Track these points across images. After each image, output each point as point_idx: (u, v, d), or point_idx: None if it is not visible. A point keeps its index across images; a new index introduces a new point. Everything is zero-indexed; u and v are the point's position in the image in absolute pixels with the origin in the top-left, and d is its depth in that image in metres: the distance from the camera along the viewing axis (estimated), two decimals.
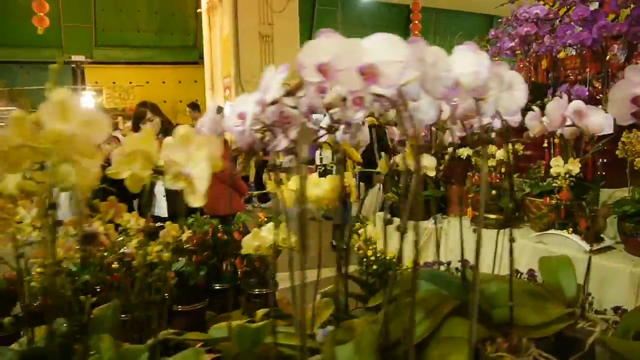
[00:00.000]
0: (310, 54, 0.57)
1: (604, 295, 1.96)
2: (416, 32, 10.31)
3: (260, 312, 1.26)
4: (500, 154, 2.48)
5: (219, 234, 2.17)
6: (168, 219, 3.04)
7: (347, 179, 1.27)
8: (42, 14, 7.23)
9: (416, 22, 10.49)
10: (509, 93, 0.74)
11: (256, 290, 2.15)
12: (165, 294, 1.71)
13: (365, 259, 3.44)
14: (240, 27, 9.49)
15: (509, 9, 2.94)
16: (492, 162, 2.54)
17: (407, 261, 3.22)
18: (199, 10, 11.20)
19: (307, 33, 14.94)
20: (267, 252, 1.22)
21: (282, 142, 0.69)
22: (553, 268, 1.12)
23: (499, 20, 3.11)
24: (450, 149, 3.07)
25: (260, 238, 1.21)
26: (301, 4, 12.56)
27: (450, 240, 2.82)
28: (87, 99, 11.05)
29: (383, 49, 0.59)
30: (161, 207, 3.09)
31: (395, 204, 3.27)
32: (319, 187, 1.19)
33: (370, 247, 3.44)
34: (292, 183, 1.32)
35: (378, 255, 3.39)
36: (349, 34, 0.81)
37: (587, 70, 2.43)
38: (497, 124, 1.22)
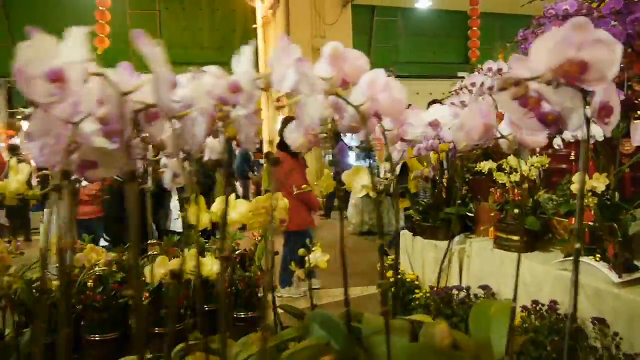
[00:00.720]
0: (18, 59, 0.45)
1: (636, 337, 1.65)
2: (474, 38, 9.88)
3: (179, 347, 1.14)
4: (523, 167, 2.21)
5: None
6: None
7: (276, 201, 1.12)
8: (102, 35, 7.66)
9: (474, 28, 10.06)
10: (315, 97, 0.57)
11: (241, 313, 2.03)
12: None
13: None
14: (292, 41, 9.44)
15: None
16: (515, 177, 2.26)
17: (426, 284, 2.95)
18: (254, 26, 11.44)
19: (366, 45, 14.81)
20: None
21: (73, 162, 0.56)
22: (487, 318, 0.90)
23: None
24: (483, 164, 2.78)
25: (166, 266, 1.08)
26: (358, 16, 12.48)
27: (473, 262, 2.55)
28: None
29: (71, 47, 0.45)
30: (177, 222, 3.07)
31: (418, 221, 3.04)
32: (236, 210, 1.05)
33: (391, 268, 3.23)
34: (215, 205, 1.20)
35: (398, 276, 3.16)
36: (408, 43, 0.69)
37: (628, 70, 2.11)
38: (447, 136, 1.02)
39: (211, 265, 1.28)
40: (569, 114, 0.50)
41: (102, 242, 3.61)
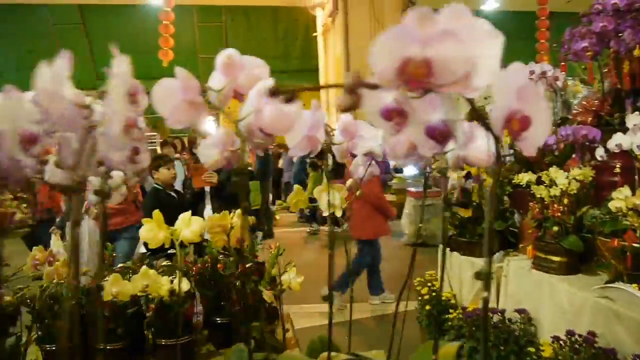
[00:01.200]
0: None
1: None
2: (542, 40, 9.30)
3: None
4: (562, 181, 1.99)
5: (219, 265, 2.06)
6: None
7: (240, 223, 1.04)
8: (166, 48, 7.99)
9: (543, 29, 9.46)
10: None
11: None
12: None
13: (420, 298, 3.05)
14: (351, 48, 9.45)
15: None
16: (555, 191, 2.05)
17: (462, 304, 2.75)
18: (314, 34, 11.49)
19: None
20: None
21: None
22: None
23: None
24: (521, 176, 2.56)
25: (120, 285, 1.04)
26: None
27: (510, 283, 2.34)
28: (208, 124, 12.04)
29: None
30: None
31: (454, 236, 2.84)
32: (189, 228, 0.99)
33: (427, 284, 3.05)
34: (180, 222, 1.14)
35: (433, 294, 2.97)
36: None
37: None
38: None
39: (177, 285, 1.23)
40: (453, 127, 0.39)
41: (142, 249, 3.70)
